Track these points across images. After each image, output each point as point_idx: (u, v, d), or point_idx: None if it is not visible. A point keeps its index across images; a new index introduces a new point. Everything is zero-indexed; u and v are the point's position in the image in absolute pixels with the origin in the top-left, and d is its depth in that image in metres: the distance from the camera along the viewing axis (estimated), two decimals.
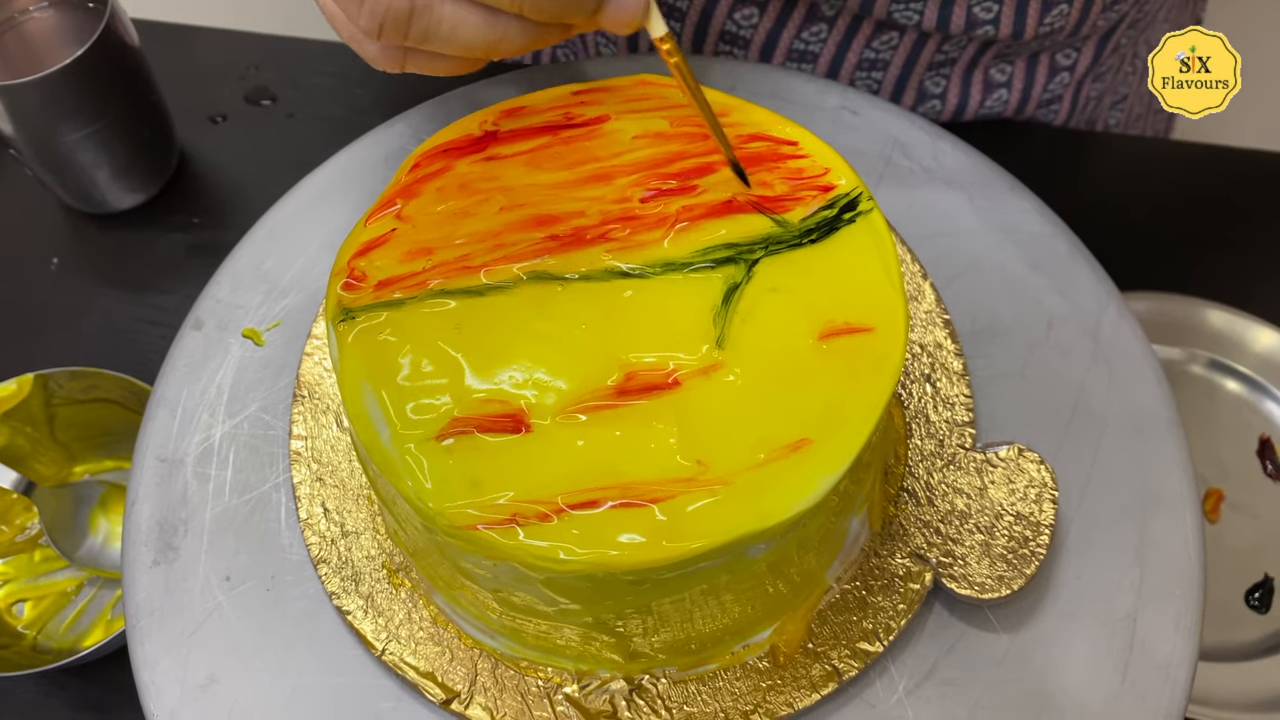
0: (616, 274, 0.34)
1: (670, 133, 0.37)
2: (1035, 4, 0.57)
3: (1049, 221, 0.46)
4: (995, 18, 0.57)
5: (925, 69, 0.61)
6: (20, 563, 0.55)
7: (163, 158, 0.65)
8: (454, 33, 0.33)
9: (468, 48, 0.34)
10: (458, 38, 0.33)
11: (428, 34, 0.33)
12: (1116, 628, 0.38)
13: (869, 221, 0.35)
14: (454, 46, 0.33)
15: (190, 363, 0.44)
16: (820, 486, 0.31)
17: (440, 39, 0.33)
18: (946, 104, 0.63)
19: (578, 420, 0.32)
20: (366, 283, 0.35)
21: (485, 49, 0.34)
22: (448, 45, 0.33)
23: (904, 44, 0.60)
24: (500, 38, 0.33)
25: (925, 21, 0.57)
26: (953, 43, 0.60)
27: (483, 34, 0.33)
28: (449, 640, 0.37)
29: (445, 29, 0.33)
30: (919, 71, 0.61)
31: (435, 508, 0.31)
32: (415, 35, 0.33)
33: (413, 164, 0.37)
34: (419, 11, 0.32)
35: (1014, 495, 0.38)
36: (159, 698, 0.38)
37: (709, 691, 0.36)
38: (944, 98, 0.63)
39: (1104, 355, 0.43)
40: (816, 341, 0.33)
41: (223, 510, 0.41)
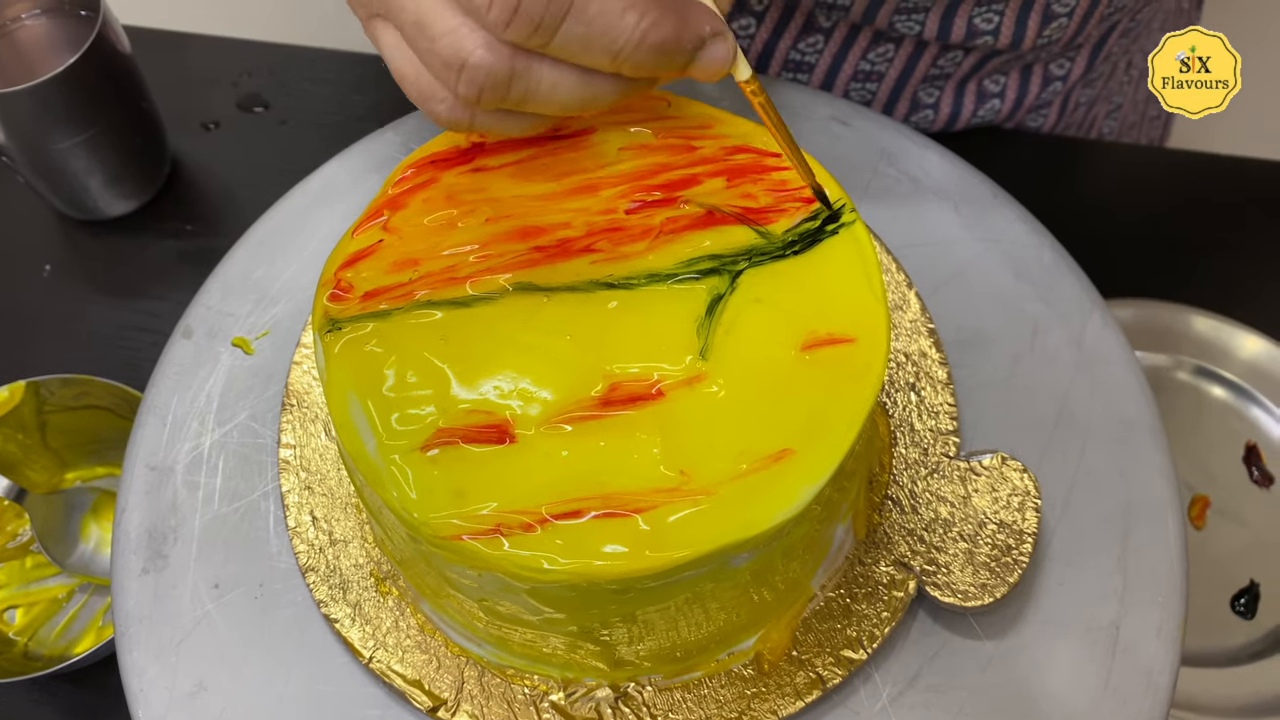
0: (601, 285, 0.35)
1: (655, 144, 0.37)
2: (1035, 16, 0.57)
3: (1033, 230, 0.46)
4: (995, 28, 0.58)
5: (920, 81, 0.62)
6: (11, 569, 0.55)
7: (155, 165, 0.65)
8: (552, 94, 0.32)
9: (563, 109, 0.33)
10: (555, 99, 0.32)
11: (526, 97, 0.32)
12: (1099, 635, 0.38)
13: (852, 233, 0.35)
14: (550, 108, 0.33)
15: (180, 371, 0.44)
16: (802, 496, 0.31)
17: (538, 102, 0.33)
18: (939, 114, 0.64)
19: (562, 431, 0.32)
20: (353, 294, 0.35)
21: (578, 108, 0.33)
22: (545, 107, 0.33)
23: (900, 56, 0.60)
24: (594, 96, 0.33)
25: (926, 32, 0.57)
26: (949, 57, 0.60)
27: (578, 94, 0.33)
28: (436, 648, 0.38)
29: (544, 91, 0.32)
30: (914, 83, 0.62)
31: (420, 518, 0.31)
32: (515, 99, 0.32)
33: (400, 175, 0.37)
34: (519, 75, 0.32)
35: (997, 503, 0.38)
36: (148, 705, 0.38)
37: (694, 699, 0.37)
38: (937, 108, 0.63)
39: (1087, 363, 0.43)
40: (799, 352, 0.33)
41: (212, 518, 0.41)
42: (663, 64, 0.32)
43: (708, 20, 0.33)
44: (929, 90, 0.63)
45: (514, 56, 0.31)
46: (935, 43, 0.59)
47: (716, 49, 0.33)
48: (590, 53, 0.31)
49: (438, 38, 0.31)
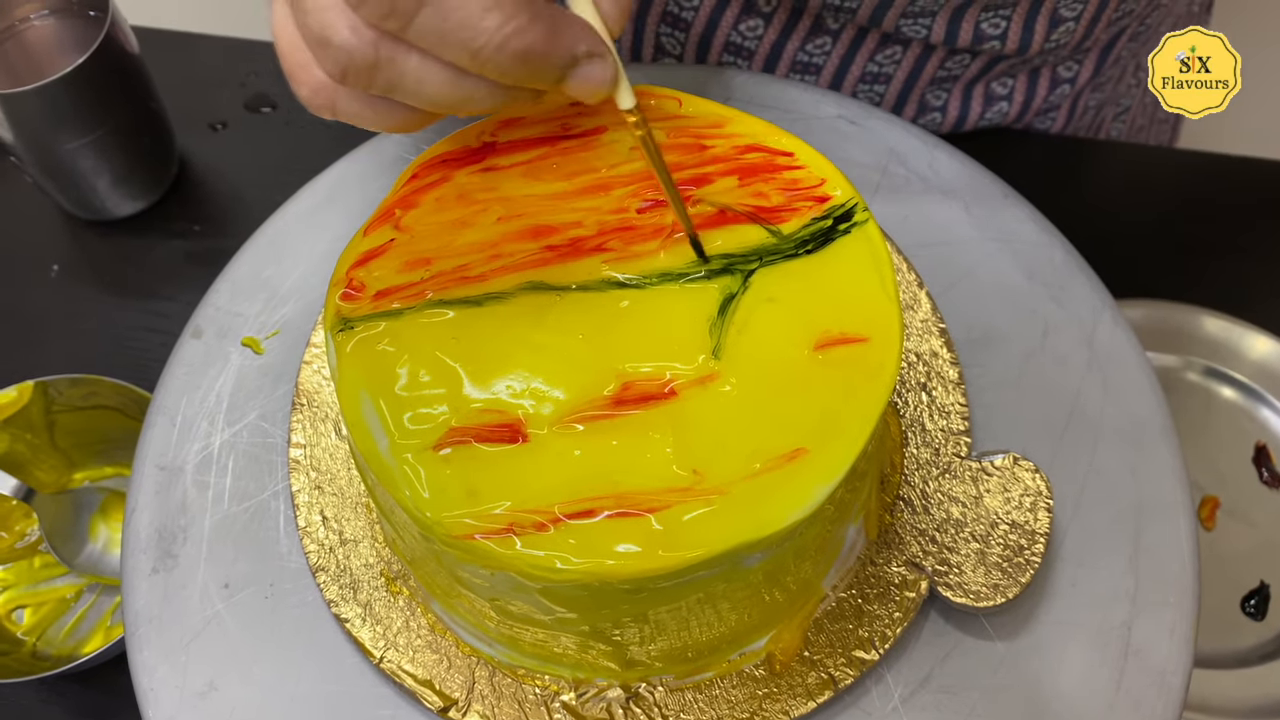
0: (613, 284, 0.35)
1: (667, 143, 0.37)
2: (1043, 20, 0.57)
3: (1044, 230, 0.46)
4: (1003, 33, 0.57)
5: (928, 84, 0.62)
6: (20, 569, 0.55)
7: (163, 165, 0.65)
8: (419, 87, 0.32)
9: (433, 104, 0.33)
10: (422, 93, 0.32)
11: (392, 86, 0.32)
12: (1111, 636, 0.38)
13: (864, 232, 0.35)
14: (420, 101, 0.32)
15: (190, 371, 0.44)
16: (816, 496, 0.31)
17: (405, 93, 0.32)
18: (947, 116, 0.63)
19: (574, 430, 0.32)
20: (365, 293, 0.35)
21: (451, 107, 0.33)
22: (414, 100, 0.32)
23: (907, 58, 0.60)
24: (467, 97, 0.32)
25: (933, 35, 0.57)
26: (956, 60, 0.60)
27: (447, 92, 0.32)
28: (447, 648, 0.38)
29: (410, 83, 0.32)
30: (921, 85, 0.62)
31: (433, 517, 0.31)
32: (380, 86, 0.32)
33: (411, 174, 0.37)
34: (384, 62, 0.31)
35: (1009, 504, 0.38)
36: (158, 705, 0.38)
37: (705, 699, 0.36)
38: (944, 110, 0.63)
39: (1099, 363, 0.43)
40: (812, 352, 0.33)
41: (222, 518, 0.41)
42: (529, 74, 0.32)
43: (585, 39, 0.32)
44: (936, 93, 0.63)
45: (379, 42, 0.31)
46: (942, 46, 0.59)
47: (593, 69, 0.33)
48: (448, 47, 0.31)
49: (310, 12, 0.31)
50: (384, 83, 0.32)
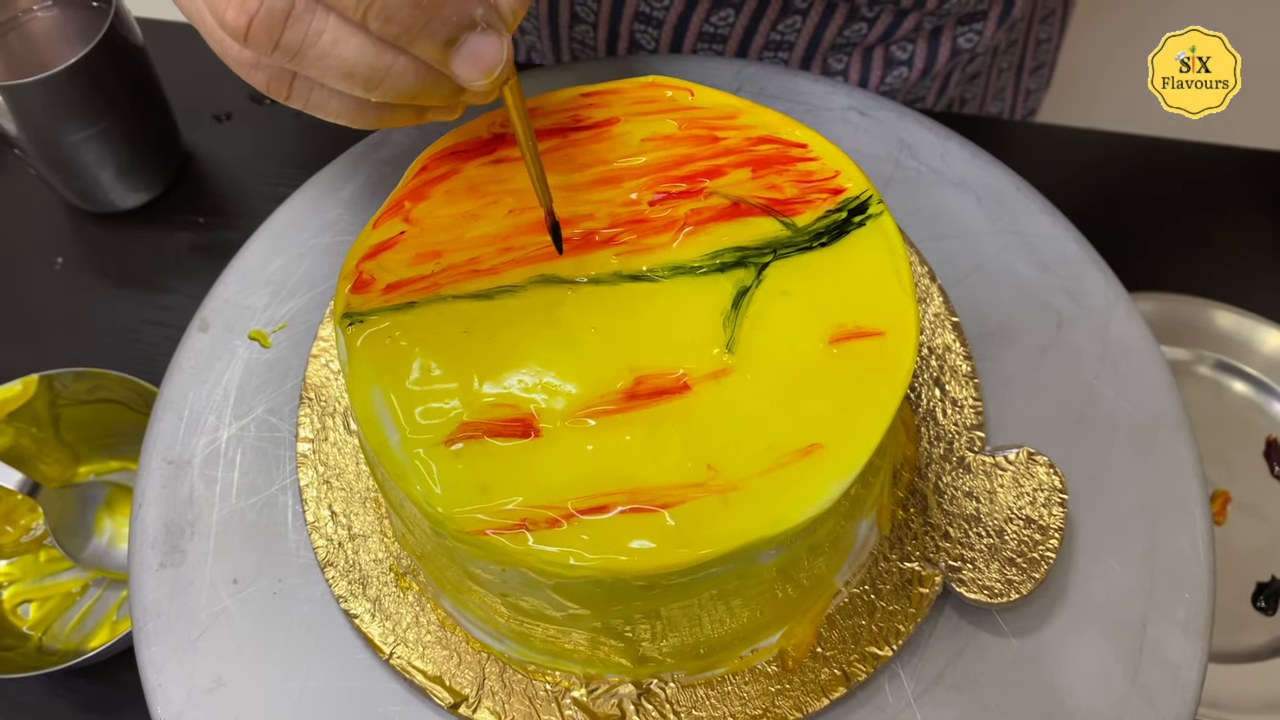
0: (625, 277, 0.34)
1: (679, 135, 0.37)
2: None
3: (1057, 223, 0.46)
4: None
5: (829, 48, 0.63)
6: (25, 563, 0.55)
7: (167, 157, 0.65)
8: (334, 48, 0.29)
9: (347, 75, 0.30)
10: (335, 56, 0.30)
11: (303, 45, 0.29)
12: (1126, 631, 0.38)
13: (879, 225, 0.35)
14: (332, 72, 0.30)
15: (196, 365, 0.44)
16: (832, 491, 0.31)
17: (316, 55, 0.30)
18: (849, 80, 0.65)
19: (587, 425, 0.32)
20: (375, 286, 0.35)
21: (365, 81, 0.30)
22: (323, 66, 0.30)
23: (808, 25, 0.61)
24: (385, 69, 0.30)
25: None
26: (855, 28, 0.61)
27: (365, 60, 0.30)
28: (457, 644, 0.37)
29: (325, 43, 0.29)
30: (822, 50, 0.63)
31: (444, 512, 0.31)
32: (288, 43, 0.29)
33: (421, 166, 0.37)
34: (297, 15, 0.29)
35: (1023, 499, 0.38)
36: (166, 701, 0.38)
37: (717, 696, 0.36)
38: (846, 74, 0.65)
39: (1112, 357, 0.43)
40: (827, 345, 0.33)
41: (229, 513, 0.41)
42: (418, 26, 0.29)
43: (481, 5, 0.30)
44: (838, 57, 0.64)
45: None
46: (843, 4, 0.58)
47: (487, 44, 0.30)
48: None
49: None
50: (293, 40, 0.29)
